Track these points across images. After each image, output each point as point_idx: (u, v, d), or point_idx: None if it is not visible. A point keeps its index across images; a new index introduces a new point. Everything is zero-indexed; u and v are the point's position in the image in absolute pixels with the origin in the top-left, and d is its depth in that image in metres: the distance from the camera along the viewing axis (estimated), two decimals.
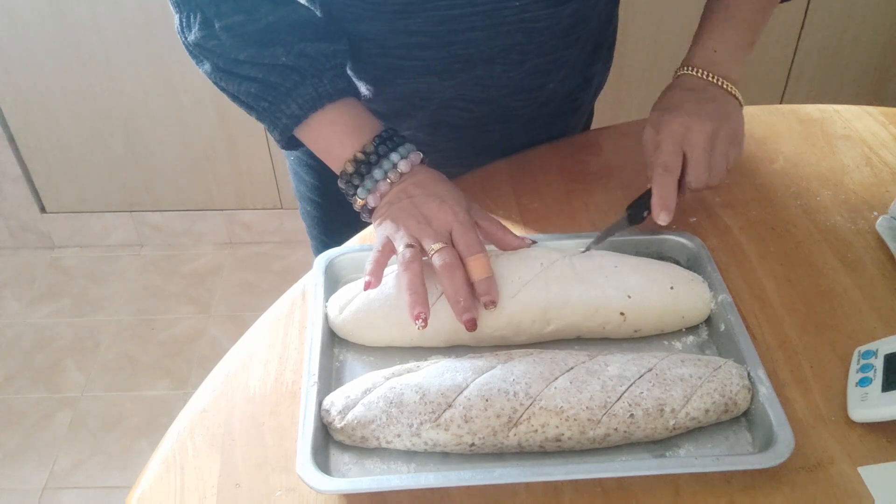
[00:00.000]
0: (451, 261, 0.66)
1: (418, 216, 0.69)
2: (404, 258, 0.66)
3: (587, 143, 0.96)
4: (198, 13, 0.71)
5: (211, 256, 2.19)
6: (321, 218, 1.03)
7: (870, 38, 1.93)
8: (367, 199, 0.72)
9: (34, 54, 1.86)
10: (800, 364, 0.68)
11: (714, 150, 0.76)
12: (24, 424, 1.77)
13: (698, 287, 0.71)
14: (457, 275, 0.65)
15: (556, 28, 0.80)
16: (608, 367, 0.62)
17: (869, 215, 0.84)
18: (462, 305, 0.65)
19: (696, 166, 0.75)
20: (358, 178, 0.72)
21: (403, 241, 0.67)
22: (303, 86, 0.72)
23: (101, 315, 2.03)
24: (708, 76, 0.80)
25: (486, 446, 0.60)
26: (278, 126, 0.74)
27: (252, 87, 0.72)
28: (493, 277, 0.67)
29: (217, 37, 0.71)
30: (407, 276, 0.65)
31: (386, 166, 0.72)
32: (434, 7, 0.74)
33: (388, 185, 0.72)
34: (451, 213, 0.69)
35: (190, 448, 0.63)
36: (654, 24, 1.85)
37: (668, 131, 0.76)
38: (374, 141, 0.72)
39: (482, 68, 0.81)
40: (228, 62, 0.72)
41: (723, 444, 0.62)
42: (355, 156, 0.72)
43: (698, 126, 0.76)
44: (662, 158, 0.75)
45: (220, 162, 2.06)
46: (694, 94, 0.79)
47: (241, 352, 0.71)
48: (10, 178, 2.07)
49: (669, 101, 0.80)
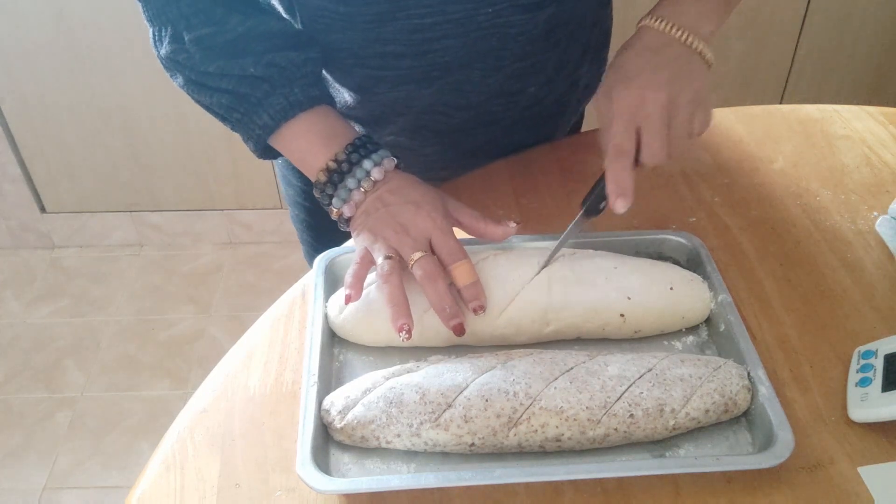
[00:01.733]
0: (431, 269, 0.65)
1: (395, 225, 0.68)
2: (383, 270, 0.65)
3: (587, 143, 0.96)
4: (168, 27, 0.71)
5: (211, 256, 2.19)
6: (311, 223, 1.03)
7: (870, 38, 1.93)
8: (343, 208, 0.71)
9: (34, 54, 1.86)
10: (800, 364, 0.68)
11: (674, 120, 0.69)
12: (24, 424, 1.77)
13: (698, 287, 0.71)
14: (439, 283, 0.65)
15: (532, 33, 0.80)
16: (608, 367, 0.62)
17: (869, 215, 0.84)
18: (448, 313, 0.64)
19: (650, 142, 0.68)
20: (331, 188, 0.71)
21: (382, 253, 0.66)
22: (273, 95, 0.71)
23: (101, 315, 2.03)
24: (673, 29, 0.71)
25: (486, 446, 0.60)
26: (252, 137, 0.74)
27: (224, 99, 0.72)
28: (478, 282, 0.66)
29: (187, 50, 0.71)
30: (387, 289, 0.64)
31: (359, 174, 0.70)
32: (406, 17, 0.74)
33: (363, 194, 0.70)
34: (428, 220, 0.68)
35: (190, 448, 0.63)
36: None
37: (620, 106, 0.69)
38: (347, 149, 0.71)
39: (459, 74, 0.81)
40: (199, 74, 0.72)
41: (723, 444, 0.62)
42: (327, 165, 0.71)
43: (653, 96, 0.68)
44: (615, 139, 0.68)
45: (220, 162, 2.06)
46: (653, 55, 0.71)
47: (241, 352, 0.71)
48: (10, 178, 2.07)
49: (624, 65, 0.71)
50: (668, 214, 0.84)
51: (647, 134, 0.68)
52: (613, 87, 0.70)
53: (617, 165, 0.68)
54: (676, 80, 0.69)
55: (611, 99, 0.70)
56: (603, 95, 0.71)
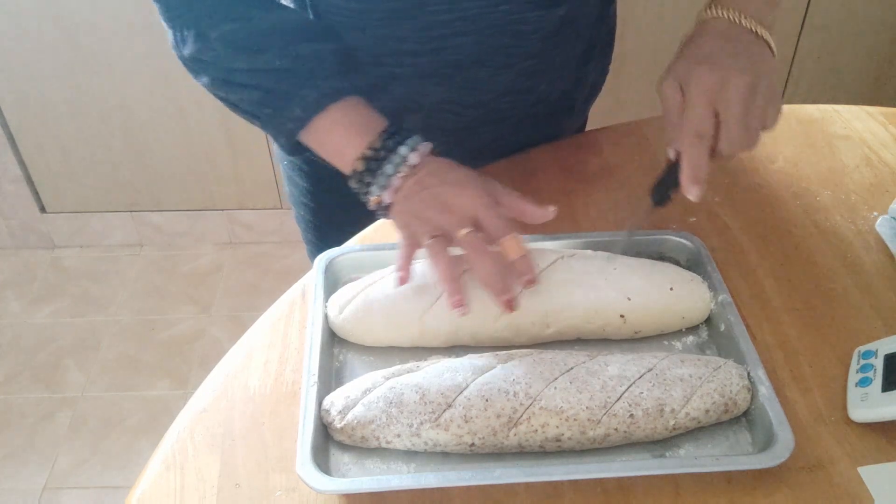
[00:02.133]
0: (480, 245, 0.65)
1: (438, 206, 0.67)
2: (432, 250, 0.66)
3: (587, 143, 0.96)
4: (191, 26, 0.70)
5: (211, 256, 2.19)
6: (315, 222, 1.03)
7: (870, 38, 1.93)
8: (382, 195, 0.71)
9: (34, 54, 1.86)
10: (800, 364, 0.68)
11: (751, 108, 0.66)
12: (24, 424, 1.77)
13: (698, 287, 0.71)
14: (487, 258, 0.64)
15: (545, 30, 0.80)
16: (608, 367, 0.62)
17: (869, 215, 0.84)
18: (499, 288, 0.64)
19: (732, 129, 0.66)
20: (369, 176, 0.70)
21: (428, 233, 0.67)
22: (303, 88, 0.71)
23: (102, 315, 2.03)
24: (741, 20, 0.70)
25: (486, 446, 0.60)
26: (283, 132, 0.73)
27: (253, 95, 0.72)
28: (528, 255, 0.66)
29: (213, 48, 0.70)
30: (439, 268, 0.65)
31: (396, 160, 0.70)
32: (420, 14, 0.74)
33: (401, 179, 0.70)
34: (472, 198, 0.67)
35: (190, 448, 0.63)
36: (653, 25, 1.84)
37: (700, 88, 0.66)
38: (382, 136, 0.71)
39: (471, 72, 0.81)
40: (227, 72, 0.71)
41: (723, 444, 0.62)
42: (364, 153, 0.70)
43: (735, 80, 0.65)
44: (694, 123, 0.66)
45: (220, 162, 2.06)
46: (728, 42, 0.69)
47: (241, 352, 0.71)
48: (10, 178, 2.07)
49: (699, 49, 0.69)
50: (668, 214, 0.84)
51: (728, 120, 0.66)
52: (691, 69, 0.67)
53: (695, 150, 0.65)
54: (755, 68, 0.67)
55: (686, 81, 0.67)
56: (671, 79, 0.69)
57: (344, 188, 0.99)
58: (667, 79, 0.70)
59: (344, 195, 0.97)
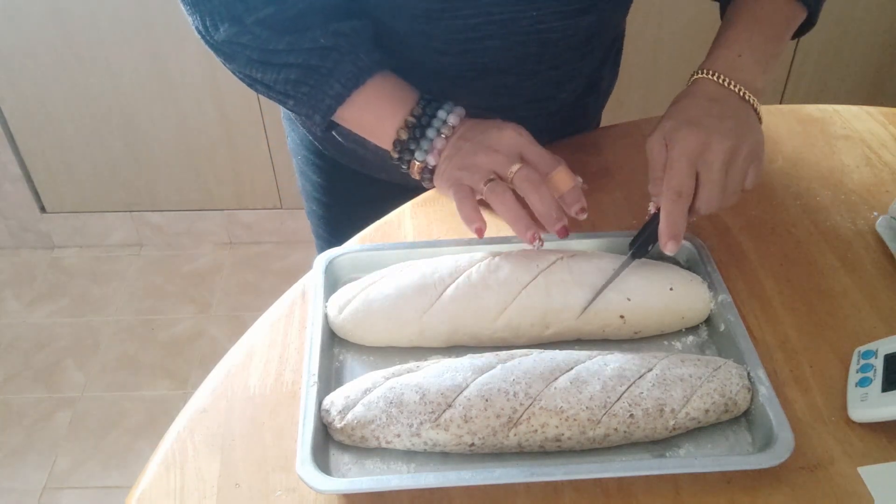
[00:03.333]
0: (534, 178, 0.68)
1: (484, 150, 0.70)
2: (494, 192, 0.68)
3: (587, 143, 0.96)
4: (223, 11, 0.70)
5: (211, 256, 2.19)
6: (327, 217, 1.03)
7: (870, 38, 1.93)
8: (426, 159, 0.73)
9: (34, 54, 1.86)
10: (800, 364, 0.68)
11: (731, 170, 0.69)
12: (24, 424, 1.77)
13: (697, 287, 0.71)
14: (542, 189, 0.67)
15: (572, 40, 0.81)
16: (608, 367, 0.62)
17: (869, 215, 0.84)
18: (554, 217, 0.67)
19: (709, 190, 0.69)
20: (413, 143, 0.73)
21: (482, 178, 0.69)
22: (342, 64, 0.72)
23: (101, 315, 2.03)
24: (729, 83, 0.73)
25: (486, 446, 0.60)
26: (320, 109, 0.74)
27: (292, 74, 0.72)
28: (578, 186, 0.69)
29: (251, 31, 0.70)
30: (505, 208, 0.67)
31: (436, 124, 0.73)
32: (452, 17, 0.74)
33: (444, 141, 0.73)
34: (515, 136, 0.70)
35: (190, 448, 0.63)
36: (654, 25, 1.85)
37: (683, 149, 0.69)
38: (420, 103, 0.73)
39: (496, 77, 0.82)
40: (265, 53, 0.71)
41: (723, 444, 0.62)
42: (406, 121, 0.73)
43: (717, 144, 0.68)
44: (675, 181, 0.68)
45: (220, 162, 2.06)
46: (714, 105, 0.72)
47: (241, 352, 0.71)
48: (10, 178, 2.07)
49: (686, 111, 0.72)
50: None
51: (706, 181, 0.69)
52: (677, 128, 0.70)
53: (674, 207, 0.68)
54: (738, 131, 0.70)
55: (672, 140, 0.70)
56: (658, 135, 0.71)
57: (357, 184, 0.99)
58: (654, 135, 0.72)
59: (357, 191, 0.98)
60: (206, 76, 1.88)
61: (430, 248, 0.76)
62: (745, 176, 0.71)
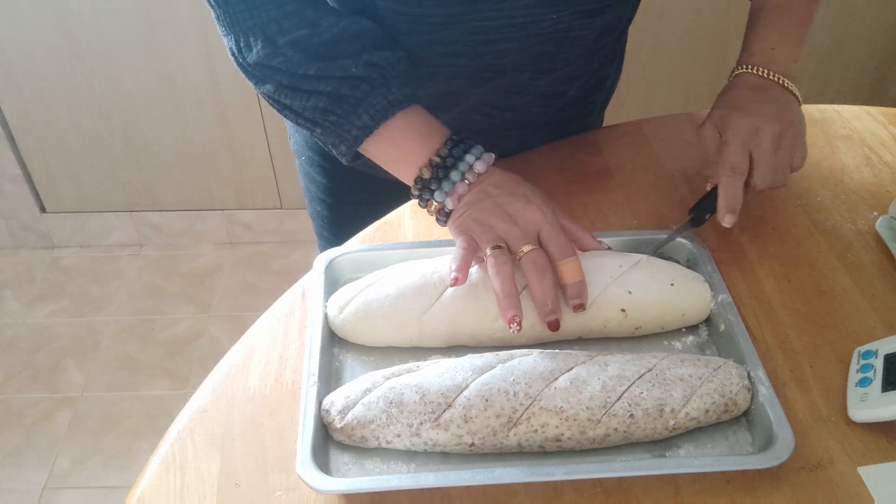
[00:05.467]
0: (543, 264, 0.66)
1: (504, 216, 0.68)
2: (496, 260, 0.66)
3: (587, 143, 0.96)
4: (257, 32, 0.69)
5: (211, 256, 2.19)
6: (331, 218, 1.03)
7: (870, 38, 1.93)
8: (445, 201, 0.71)
9: (34, 54, 1.86)
10: (800, 364, 0.68)
11: (779, 150, 0.76)
12: (24, 424, 1.77)
13: (699, 285, 0.71)
14: (547, 278, 0.66)
15: (588, 37, 0.81)
16: (608, 367, 0.62)
17: (869, 215, 0.84)
18: (550, 308, 0.65)
19: (762, 167, 0.75)
20: (435, 183, 0.71)
21: (490, 242, 0.67)
22: (372, 95, 0.70)
23: (101, 315, 2.03)
24: (768, 74, 0.80)
25: (486, 446, 0.60)
26: (346, 140, 0.72)
27: (320, 102, 0.70)
28: (584, 280, 0.67)
29: (283, 53, 0.68)
30: (500, 280, 0.65)
31: (462, 168, 0.71)
32: (474, 19, 0.74)
33: (467, 187, 0.71)
34: (539, 213, 0.68)
35: (190, 448, 0.63)
36: (655, 24, 1.85)
37: (736, 131, 0.76)
38: (448, 144, 0.71)
39: (511, 76, 0.82)
40: (295, 78, 0.70)
41: (723, 444, 0.62)
42: (431, 160, 0.71)
43: (766, 126, 0.75)
44: (731, 159, 0.75)
45: (220, 162, 2.06)
46: (758, 93, 0.79)
47: (241, 352, 0.71)
48: (10, 178, 2.07)
49: (734, 99, 0.79)
50: (668, 214, 0.84)
51: (759, 160, 0.76)
52: (727, 115, 0.78)
53: (731, 182, 0.75)
54: (783, 115, 0.77)
55: (724, 125, 0.77)
56: (712, 123, 0.79)
57: (362, 184, 0.99)
58: (705, 124, 0.80)
59: (362, 191, 0.98)
60: (207, 76, 1.88)
61: (430, 248, 0.76)
62: (793, 156, 0.77)
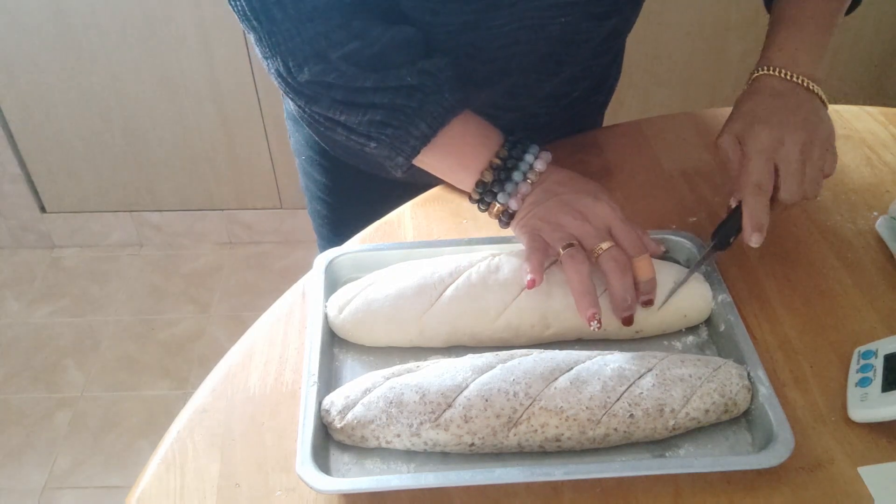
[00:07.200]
0: (624, 261, 0.66)
1: (573, 213, 0.68)
2: (573, 259, 0.66)
3: (587, 143, 0.96)
4: (306, 49, 0.66)
5: (211, 256, 2.19)
6: (331, 217, 1.03)
7: (870, 37, 1.93)
8: (509, 202, 0.71)
9: (34, 54, 1.86)
10: (800, 364, 0.68)
11: (808, 161, 0.71)
12: (24, 424, 1.77)
13: (700, 286, 0.71)
14: (627, 276, 0.66)
15: (595, 39, 0.81)
16: (608, 367, 0.62)
17: (869, 215, 0.84)
18: (628, 305, 0.66)
19: (790, 182, 0.71)
20: (497, 185, 0.70)
21: (562, 241, 0.67)
22: (428, 104, 0.69)
23: (101, 315, 2.03)
24: (792, 77, 0.75)
25: (486, 446, 0.60)
26: (404, 151, 0.70)
27: (377, 115, 0.69)
28: (655, 277, 0.68)
29: (337, 68, 0.66)
30: (577, 278, 0.65)
31: (524, 168, 0.70)
32: (488, 26, 0.73)
33: (529, 186, 0.70)
34: (609, 210, 0.68)
35: (190, 448, 0.63)
36: (654, 24, 1.85)
37: (758, 146, 0.71)
38: (506, 145, 0.71)
39: (518, 78, 0.81)
40: (351, 93, 0.68)
41: (723, 444, 0.62)
42: (491, 162, 0.70)
43: (791, 138, 0.71)
44: (755, 177, 0.70)
45: (220, 162, 2.06)
46: (781, 100, 0.74)
47: (241, 352, 0.71)
48: (10, 178, 2.07)
49: (755, 109, 0.74)
50: (668, 214, 0.84)
51: (786, 174, 0.71)
52: (747, 128, 0.73)
53: (756, 201, 0.70)
54: (809, 123, 0.72)
55: (745, 139, 0.72)
56: (732, 134, 0.74)
57: (362, 183, 0.99)
58: (723, 136, 0.75)
59: (362, 190, 0.98)
60: (207, 76, 1.88)
61: (430, 248, 0.76)
62: (823, 164, 0.72)
